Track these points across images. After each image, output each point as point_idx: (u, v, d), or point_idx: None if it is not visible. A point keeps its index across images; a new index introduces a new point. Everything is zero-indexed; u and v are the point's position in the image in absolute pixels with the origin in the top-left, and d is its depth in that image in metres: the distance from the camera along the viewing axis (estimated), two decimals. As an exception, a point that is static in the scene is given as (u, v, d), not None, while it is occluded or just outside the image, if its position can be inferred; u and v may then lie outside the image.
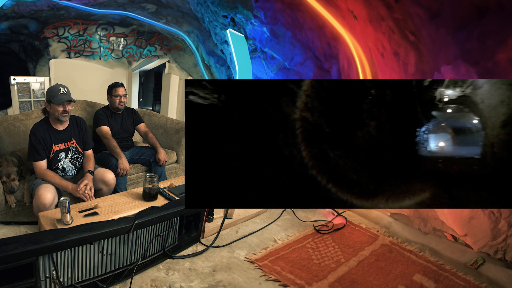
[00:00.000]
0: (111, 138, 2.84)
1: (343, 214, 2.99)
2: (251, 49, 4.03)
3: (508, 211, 2.19)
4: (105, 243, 1.80)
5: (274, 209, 3.02)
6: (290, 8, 3.13)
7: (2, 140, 2.69)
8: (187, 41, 5.39)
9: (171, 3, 4.40)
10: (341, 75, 3.13)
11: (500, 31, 1.68)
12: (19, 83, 5.04)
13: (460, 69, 1.95)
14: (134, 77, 6.45)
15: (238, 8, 3.54)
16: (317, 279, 2.10)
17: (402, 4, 2.11)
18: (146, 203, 2.29)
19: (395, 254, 2.43)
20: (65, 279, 1.71)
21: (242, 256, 2.29)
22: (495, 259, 2.32)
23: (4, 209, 2.38)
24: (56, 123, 2.38)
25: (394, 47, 2.39)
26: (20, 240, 1.54)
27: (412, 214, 2.75)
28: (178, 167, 3.40)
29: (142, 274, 2.01)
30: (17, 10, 4.23)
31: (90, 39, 5.58)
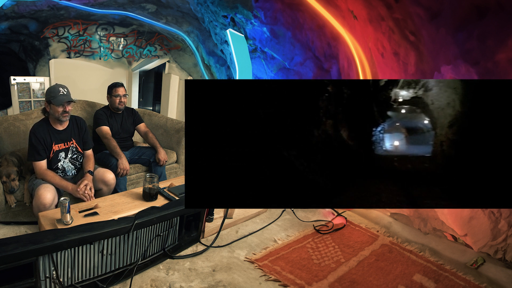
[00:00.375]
0: (111, 138, 2.84)
1: (343, 214, 2.98)
2: (251, 49, 4.03)
3: (508, 211, 2.19)
4: (105, 243, 1.80)
5: (274, 209, 3.01)
6: (290, 8, 3.13)
7: (2, 140, 2.69)
8: (187, 41, 5.39)
9: (171, 3, 4.39)
10: (341, 75, 3.13)
11: (500, 31, 1.68)
12: (19, 83, 5.03)
13: (460, 69, 1.95)
14: (134, 77, 6.45)
15: (238, 8, 3.54)
16: (317, 279, 2.10)
17: (402, 4, 2.11)
18: (146, 203, 2.29)
19: (395, 254, 2.43)
20: (65, 279, 1.71)
21: (242, 256, 2.29)
22: (495, 259, 2.32)
23: (4, 209, 2.38)
24: (56, 123, 2.38)
25: (394, 47, 2.39)
26: (20, 240, 1.54)
27: (412, 214, 2.75)
28: (178, 167, 3.40)
29: (142, 274, 2.01)
30: (17, 10, 4.23)
31: (90, 39, 5.58)
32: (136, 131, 3.22)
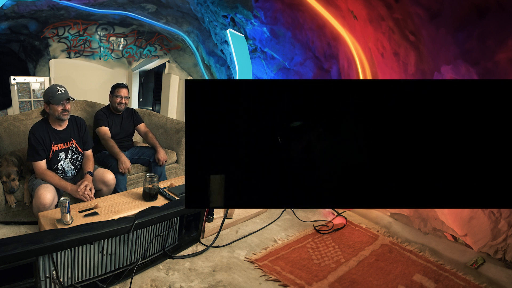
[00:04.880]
0: (109, 139, 2.84)
1: (343, 214, 2.99)
2: (251, 49, 4.03)
3: (508, 211, 2.19)
4: (105, 243, 1.80)
5: (274, 209, 3.02)
6: (290, 8, 3.13)
7: (2, 140, 2.69)
8: (187, 41, 5.39)
9: (171, 3, 4.39)
10: (341, 75, 3.13)
11: (500, 31, 1.68)
12: (19, 83, 5.03)
13: (460, 69, 1.95)
14: (134, 77, 6.45)
15: (238, 8, 3.54)
16: (317, 279, 2.10)
17: (402, 4, 2.11)
18: (146, 203, 2.29)
19: (395, 254, 2.43)
20: (65, 279, 1.71)
21: (242, 256, 2.29)
22: (495, 259, 2.32)
23: (4, 209, 2.38)
24: (56, 123, 2.38)
25: (394, 47, 2.39)
26: (20, 240, 1.54)
27: (412, 214, 2.75)
28: (178, 167, 3.40)
29: (142, 274, 2.01)
30: (17, 10, 4.22)
31: (90, 39, 5.58)
32: (136, 131, 3.22)
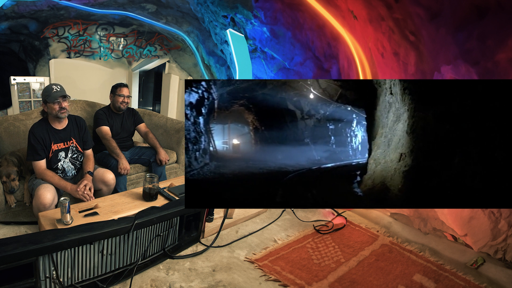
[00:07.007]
0: (111, 139, 2.84)
1: (343, 214, 2.98)
2: (251, 49, 4.03)
3: (508, 211, 2.19)
4: (105, 243, 1.80)
5: (274, 209, 3.01)
6: (290, 8, 3.13)
7: (2, 140, 2.69)
8: (187, 41, 5.39)
9: (171, 3, 4.39)
10: (341, 75, 3.13)
11: (500, 31, 1.68)
12: (19, 83, 5.03)
13: (460, 69, 1.95)
14: (134, 77, 6.45)
15: (238, 8, 3.54)
16: (317, 279, 2.10)
17: (402, 4, 2.11)
18: (146, 203, 2.29)
19: (395, 254, 2.43)
20: (65, 279, 1.71)
21: (242, 256, 2.29)
22: (495, 259, 2.32)
23: (4, 209, 2.38)
24: (55, 123, 2.38)
25: (394, 47, 2.39)
26: (20, 240, 1.54)
27: (412, 214, 2.75)
28: (178, 167, 3.40)
29: (142, 274, 2.01)
30: (17, 10, 4.22)
31: (90, 39, 5.58)
32: (136, 131, 3.22)
